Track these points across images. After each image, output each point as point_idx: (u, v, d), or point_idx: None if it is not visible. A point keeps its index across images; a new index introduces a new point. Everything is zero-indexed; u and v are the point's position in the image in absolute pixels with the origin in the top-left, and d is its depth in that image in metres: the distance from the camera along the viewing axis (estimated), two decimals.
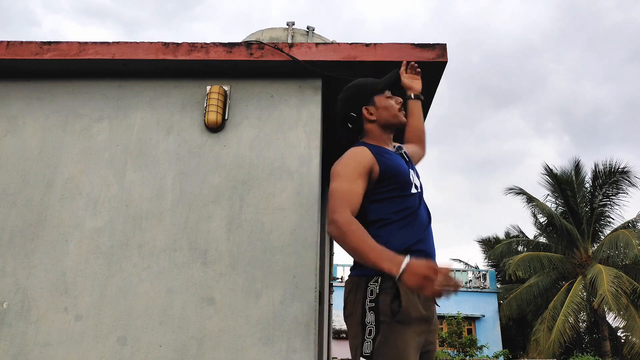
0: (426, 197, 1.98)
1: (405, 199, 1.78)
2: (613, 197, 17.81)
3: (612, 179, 17.63)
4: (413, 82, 2.28)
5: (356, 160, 1.73)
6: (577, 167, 18.12)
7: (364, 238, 1.55)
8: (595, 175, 17.86)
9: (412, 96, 2.27)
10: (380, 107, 1.97)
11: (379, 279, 1.69)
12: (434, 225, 1.87)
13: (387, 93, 2.01)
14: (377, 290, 1.65)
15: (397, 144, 1.99)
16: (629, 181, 17.54)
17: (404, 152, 1.95)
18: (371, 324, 1.62)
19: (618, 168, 17.59)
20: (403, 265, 1.44)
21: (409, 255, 1.48)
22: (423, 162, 2.08)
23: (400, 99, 2.03)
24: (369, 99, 1.98)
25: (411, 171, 1.88)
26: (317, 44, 3.37)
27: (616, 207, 17.94)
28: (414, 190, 1.82)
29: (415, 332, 1.62)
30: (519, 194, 19.14)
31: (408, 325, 1.61)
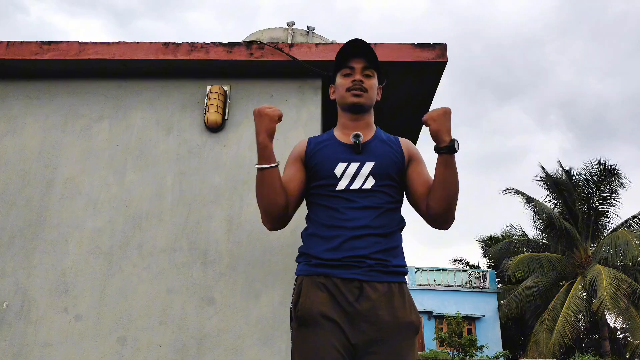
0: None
1: (327, 199, 1.59)
2: (609, 197, 17.86)
3: (606, 179, 17.67)
4: (434, 124, 1.53)
5: (292, 152, 1.76)
6: (566, 170, 18.17)
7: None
8: (589, 174, 17.92)
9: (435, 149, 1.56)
10: (337, 84, 1.73)
11: (295, 281, 1.61)
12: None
13: (346, 70, 1.69)
14: (293, 294, 1.59)
15: (357, 132, 1.64)
16: (618, 182, 17.60)
17: (359, 143, 1.63)
18: (291, 330, 1.57)
19: (609, 167, 17.65)
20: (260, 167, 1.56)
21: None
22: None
23: (359, 77, 1.67)
24: (334, 77, 1.76)
25: (348, 164, 1.61)
26: (317, 44, 3.37)
27: (612, 207, 17.99)
28: (341, 187, 1.58)
29: (328, 334, 1.43)
30: (517, 194, 19.18)
31: (315, 327, 1.45)
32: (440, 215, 1.56)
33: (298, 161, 1.70)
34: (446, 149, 1.49)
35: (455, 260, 24.22)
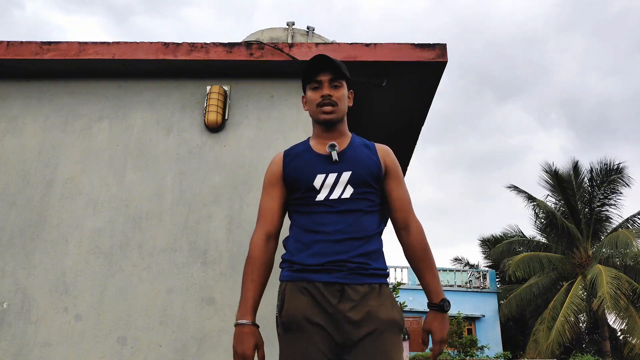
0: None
1: (307, 207, 1.62)
2: (611, 197, 17.86)
3: (609, 178, 17.68)
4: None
5: (268, 171, 1.74)
6: (576, 167, 18.16)
7: (246, 277, 1.69)
8: (592, 174, 17.92)
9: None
10: (307, 98, 1.73)
11: (279, 287, 1.64)
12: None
13: (314, 84, 1.68)
14: (278, 300, 1.63)
15: (332, 143, 1.66)
16: (622, 180, 17.59)
17: (335, 152, 1.64)
18: (278, 336, 1.61)
19: (613, 167, 17.64)
20: (235, 322, 1.61)
21: (248, 321, 1.60)
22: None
23: (327, 92, 1.65)
24: (304, 88, 1.75)
25: (326, 175, 1.62)
26: (317, 44, 3.37)
27: (614, 206, 17.99)
28: (320, 197, 1.60)
29: (313, 338, 1.47)
30: (519, 192, 19.18)
31: (300, 332, 1.49)
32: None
33: (277, 184, 1.71)
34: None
35: (456, 259, 24.21)
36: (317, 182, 1.62)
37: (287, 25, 4.46)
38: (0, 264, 3.01)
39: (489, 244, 22.80)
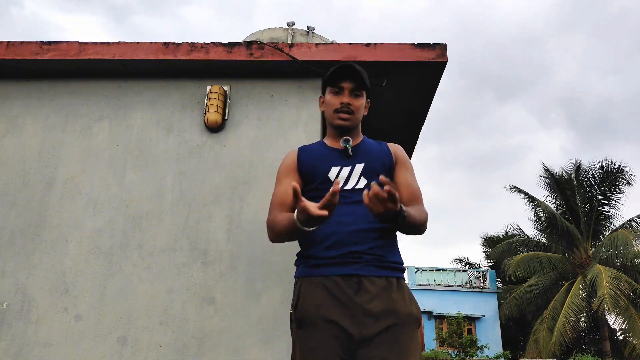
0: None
1: (321, 198, 1.59)
2: (611, 197, 17.86)
3: (609, 178, 17.68)
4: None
5: (282, 164, 1.81)
6: (578, 168, 18.16)
7: (279, 216, 1.62)
8: (593, 174, 17.93)
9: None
10: (326, 100, 1.79)
11: (295, 284, 1.65)
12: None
13: (335, 88, 1.73)
14: (293, 297, 1.63)
15: (346, 137, 1.73)
16: (624, 179, 17.58)
17: (349, 147, 1.71)
18: (291, 332, 1.61)
19: (614, 167, 17.65)
20: (295, 225, 1.51)
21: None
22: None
23: (347, 100, 1.70)
24: (324, 88, 1.80)
25: (341, 168, 1.68)
26: (317, 44, 3.37)
27: (615, 207, 18.01)
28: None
29: (326, 336, 1.46)
30: (520, 193, 19.19)
31: (313, 329, 1.48)
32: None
33: (293, 171, 1.75)
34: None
35: (457, 259, 24.21)
36: (332, 173, 1.68)
37: (287, 25, 4.46)
38: (0, 264, 3.01)
39: (492, 243, 22.80)
